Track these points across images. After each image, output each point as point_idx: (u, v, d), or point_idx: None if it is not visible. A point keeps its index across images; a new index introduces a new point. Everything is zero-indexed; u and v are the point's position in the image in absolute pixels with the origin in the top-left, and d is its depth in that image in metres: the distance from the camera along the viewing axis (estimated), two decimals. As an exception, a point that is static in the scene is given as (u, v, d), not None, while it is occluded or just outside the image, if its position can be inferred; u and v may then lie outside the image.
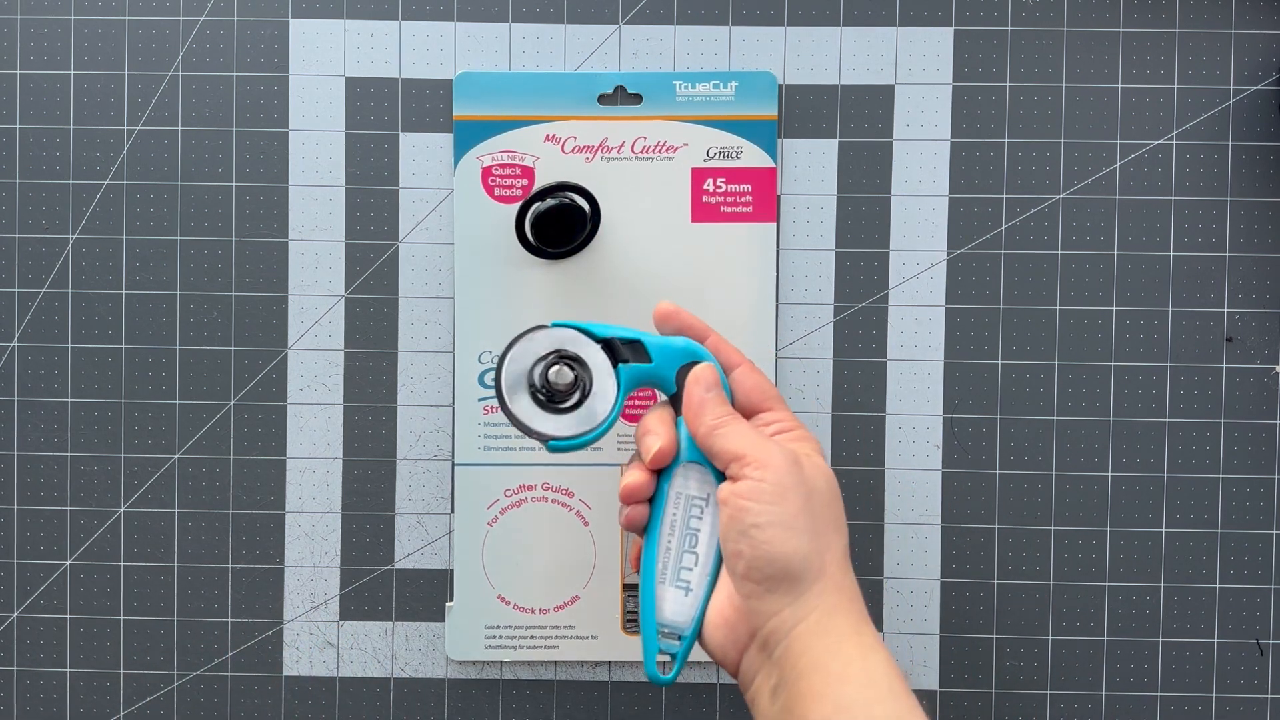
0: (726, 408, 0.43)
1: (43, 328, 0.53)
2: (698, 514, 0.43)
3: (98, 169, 0.53)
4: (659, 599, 0.43)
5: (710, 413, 0.43)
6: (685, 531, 0.43)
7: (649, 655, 0.43)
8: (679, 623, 0.43)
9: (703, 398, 0.43)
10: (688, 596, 0.43)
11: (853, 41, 0.53)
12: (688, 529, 0.43)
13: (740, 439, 0.42)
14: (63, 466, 0.53)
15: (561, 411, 0.44)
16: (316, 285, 0.53)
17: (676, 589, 0.43)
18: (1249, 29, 0.52)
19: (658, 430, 0.44)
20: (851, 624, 0.40)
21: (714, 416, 0.43)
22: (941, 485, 0.53)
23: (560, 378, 0.44)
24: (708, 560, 0.43)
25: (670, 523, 0.44)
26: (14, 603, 0.53)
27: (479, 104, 0.52)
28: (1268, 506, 0.52)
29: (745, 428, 0.42)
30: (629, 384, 0.44)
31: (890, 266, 0.53)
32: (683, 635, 0.43)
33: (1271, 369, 0.53)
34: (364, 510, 0.53)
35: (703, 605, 0.43)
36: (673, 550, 0.43)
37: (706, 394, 0.43)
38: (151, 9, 0.53)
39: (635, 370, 0.44)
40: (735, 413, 0.43)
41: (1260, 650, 0.52)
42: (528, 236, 0.51)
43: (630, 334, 0.45)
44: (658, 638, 0.43)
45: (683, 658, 0.43)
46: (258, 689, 0.53)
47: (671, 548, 0.43)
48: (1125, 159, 0.53)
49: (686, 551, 0.43)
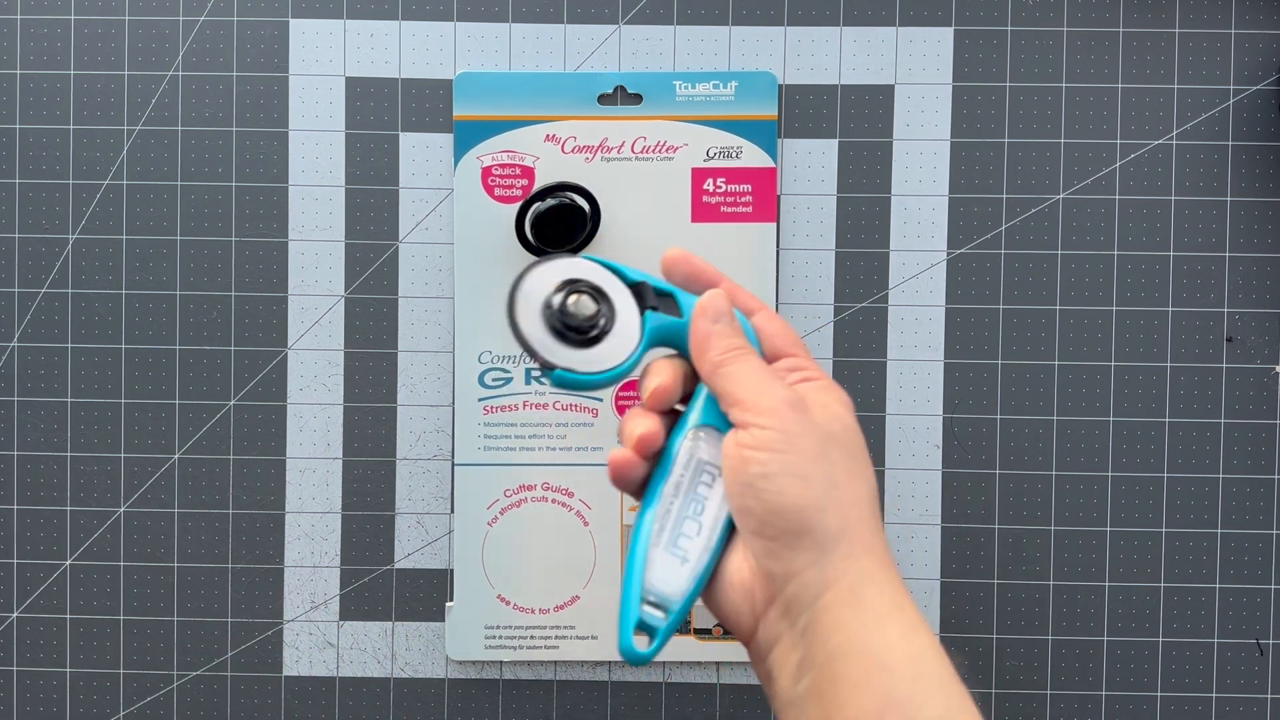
0: (735, 341, 0.38)
1: (43, 328, 0.53)
2: (708, 481, 0.38)
3: (98, 169, 0.53)
4: (649, 561, 0.37)
5: (715, 347, 0.38)
6: (691, 496, 0.38)
7: (625, 626, 0.36)
8: (667, 593, 0.37)
9: (708, 330, 0.38)
10: (683, 566, 0.37)
11: (853, 41, 0.53)
12: (694, 494, 0.38)
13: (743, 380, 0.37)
14: (63, 466, 0.53)
15: (574, 344, 0.39)
16: (316, 285, 0.53)
17: (671, 555, 0.37)
18: (1249, 29, 0.52)
19: (662, 370, 0.39)
20: (889, 597, 0.34)
21: (719, 351, 0.38)
22: (941, 485, 0.53)
23: (580, 307, 0.39)
24: (712, 534, 0.37)
25: (675, 484, 0.38)
26: (14, 603, 0.53)
27: (479, 104, 0.52)
28: (1268, 506, 0.52)
29: (752, 367, 0.37)
30: (654, 335, 0.39)
31: (890, 266, 0.53)
32: (670, 609, 0.37)
33: (1271, 369, 0.53)
34: (364, 510, 0.53)
35: (699, 582, 0.37)
36: (673, 513, 0.38)
37: (714, 325, 0.38)
38: (151, 9, 0.53)
39: (663, 322, 0.39)
40: (747, 348, 0.38)
41: (1260, 650, 0.52)
42: (528, 236, 0.51)
43: (664, 285, 0.40)
44: (640, 607, 0.36)
45: (664, 636, 0.36)
46: (258, 689, 0.53)
47: (673, 510, 0.38)
48: (1125, 159, 0.53)
49: (689, 518, 0.38)
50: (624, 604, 0.37)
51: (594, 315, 0.39)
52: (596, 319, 0.39)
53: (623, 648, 0.36)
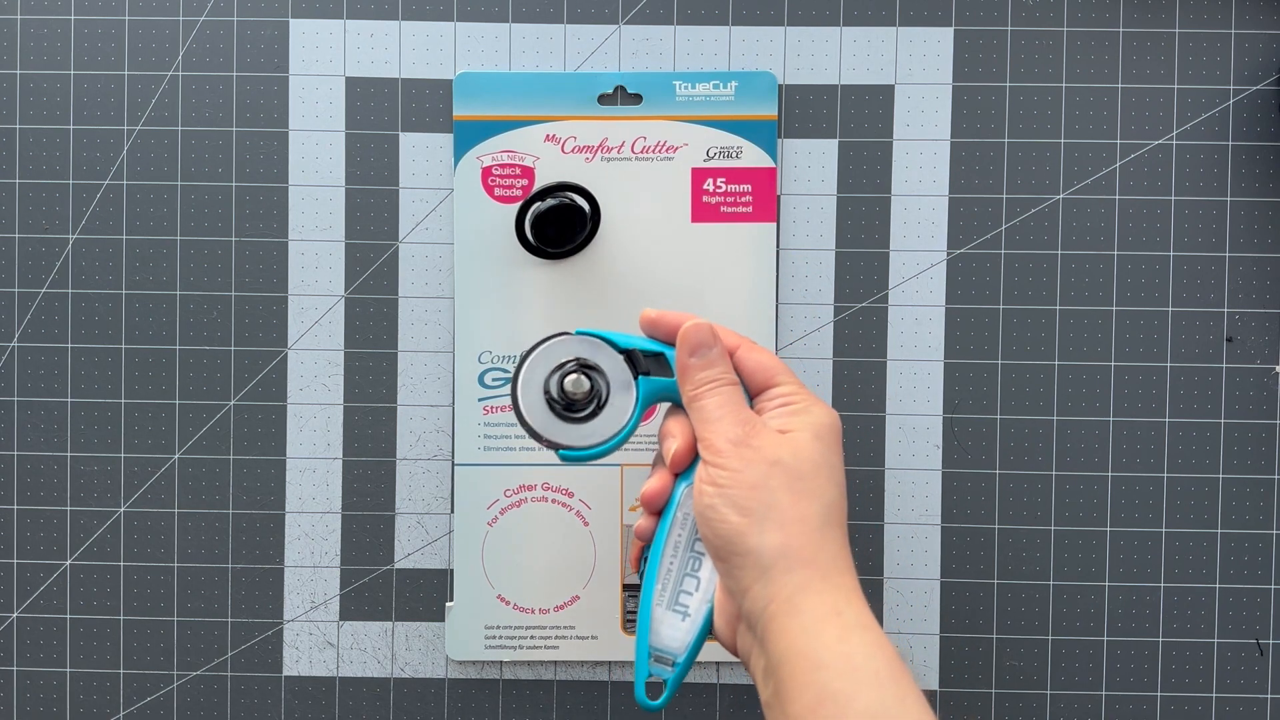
0: (710, 374, 0.41)
1: (43, 328, 0.53)
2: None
3: (98, 169, 0.53)
4: (655, 621, 0.42)
5: (691, 380, 0.41)
6: (689, 554, 0.42)
7: (639, 680, 0.42)
8: (673, 649, 0.41)
9: (686, 362, 0.41)
10: (684, 622, 0.41)
11: (853, 41, 0.53)
12: (692, 551, 0.42)
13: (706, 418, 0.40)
14: (63, 466, 0.53)
15: (576, 421, 0.43)
16: (316, 285, 0.53)
17: (674, 613, 0.42)
18: (1249, 29, 0.52)
19: (675, 432, 0.42)
20: (828, 603, 0.37)
21: (694, 385, 0.41)
22: (941, 485, 0.53)
23: (577, 387, 0.43)
24: (709, 587, 0.42)
25: (674, 543, 0.42)
26: (14, 603, 0.53)
27: (479, 104, 0.52)
28: (1268, 506, 0.52)
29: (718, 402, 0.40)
30: (648, 397, 0.43)
31: (890, 266, 0.53)
32: (676, 661, 0.41)
33: (1271, 369, 0.53)
34: (364, 510, 0.53)
35: (700, 632, 0.41)
36: (674, 573, 0.42)
37: (689, 359, 0.41)
38: (151, 9, 0.53)
39: (656, 384, 0.43)
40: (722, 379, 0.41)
41: (1260, 650, 0.52)
42: (528, 236, 0.51)
43: (654, 346, 0.43)
44: (649, 662, 0.41)
45: (674, 684, 0.41)
46: (258, 689, 0.53)
47: (673, 570, 0.42)
48: (1125, 159, 0.53)
49: (688, 575, 0.42)
50: (637, 661, 0.41)
51: (590, 391, 0.43)
52: (593, 394, 0.43)
53: (638, 699, 0.42)
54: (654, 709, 0.41)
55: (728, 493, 0.39)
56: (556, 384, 0.43)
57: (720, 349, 0.42)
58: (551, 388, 0.43)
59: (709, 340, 0.41)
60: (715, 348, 0.41)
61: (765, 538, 0.38)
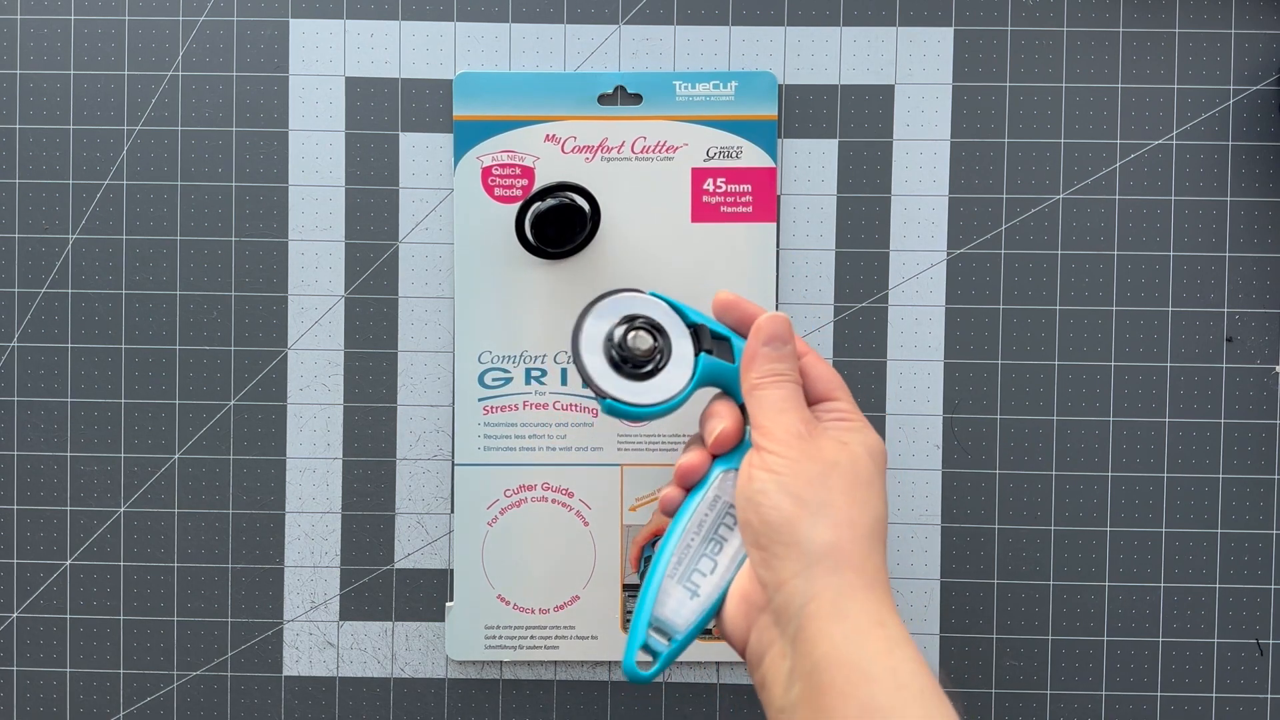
0: (778, 366, 0.41)
1: (43, 328, 0.53)
2: (730, 524, 0.41)
3: (98, 169, 0.53)
4: (662, 592, 0.40)
5: (758, 369, 0.41)
6: (712, 536, 0.41)
7: (631, 647, 0.40)
8: (675, 623, 0.40)
9: (755, 350, 0.41)
10: (692, 600, 0.40)
11: (853, 41, 0.53)
12: (715, 535, 0.41)
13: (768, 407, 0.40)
14: (63, 466, 0.53)
15: (628, 376, 0.42)
16: (316, 285, 0.53)
17: (684, 589, 0.40)
18: (1249, 29, 0.52)
19: (723, 414, 0.42)
20: (872, 613, 0.37)
21: (759, 374, 0.41)
22: (941, 485, 0.53)
23: (639, 342, 0.42)
24: (725, 574, 0.41)
25: (699, 521, 0.41)
26: (14, 603, 0.53)
27: (479, 104, 0.52)
28: (1268, 506, 0.52)
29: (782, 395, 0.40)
30: (705, 375, 0.42)
31: (890, 266, 0.53)
32: (674, 638, 0.40)
33: (1271, 369, 0.53)
34: (364, 510, 0.53)
35: (706, 615, 0.40)
36: (693, 549, 0.41)
37: (763, 347, 0.41)
38: (151, 9, 0.53)
39: (714, 365, 0.42)
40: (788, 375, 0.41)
41: (1260, 650, 0.52)
42: (528, 236, 0.51)
43: (723, 329, 0.43)
44: (646, 632, 0.40)
45: (666, 660, 0.40)
46: (258, 689, 0.53)
47: (692, 546, 0.41)
48: (1125, 159, 0.53)
49: (706, 556, 0.41)
50: (632, 630, 0.40)
51: (650, 351, 0.42)
52: (652, 354, 0.42)
53: (626, 666, 0.40)
54: (642, 680, 0.40)
55: (783, 480, 0.38)
56: (620, 336, 0.43)
57: (793, 347, 0.42)
58: (616, 336, 0.43)
59: (786, 335, 0.41)
60: (790, 344, 0.41)
61: (816, 531, 0.38)
